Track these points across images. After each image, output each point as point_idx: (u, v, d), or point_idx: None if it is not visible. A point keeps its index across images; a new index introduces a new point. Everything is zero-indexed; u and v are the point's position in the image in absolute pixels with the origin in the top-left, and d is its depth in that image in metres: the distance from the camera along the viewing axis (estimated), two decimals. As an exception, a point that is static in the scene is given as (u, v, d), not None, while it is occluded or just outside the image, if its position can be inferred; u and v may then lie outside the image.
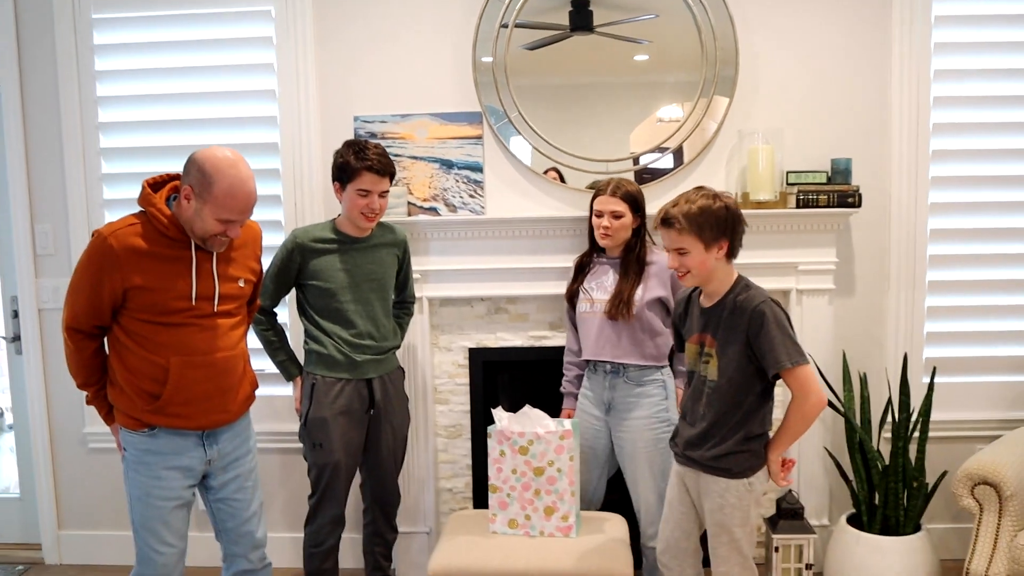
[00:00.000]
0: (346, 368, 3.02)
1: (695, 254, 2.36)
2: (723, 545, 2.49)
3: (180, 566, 2.53)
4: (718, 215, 2.34)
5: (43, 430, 3.84)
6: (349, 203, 2.95)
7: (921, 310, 3.55)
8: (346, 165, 2.91)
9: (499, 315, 3.60)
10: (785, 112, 3.49)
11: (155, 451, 2.43)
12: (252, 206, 2.39)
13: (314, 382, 3.03)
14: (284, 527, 3.81)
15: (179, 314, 2.38)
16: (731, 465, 2.43)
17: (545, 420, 2.92)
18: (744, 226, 2.41)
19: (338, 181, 2.96)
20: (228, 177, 2.30)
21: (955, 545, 3.64)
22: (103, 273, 2.33)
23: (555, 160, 3.51)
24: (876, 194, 3.50)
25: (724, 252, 2.38)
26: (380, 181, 2.94)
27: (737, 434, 2.42)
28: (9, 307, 3.88)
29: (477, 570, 2.77)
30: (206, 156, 2.32)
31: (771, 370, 2.34)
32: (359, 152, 2.91)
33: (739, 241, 2.41)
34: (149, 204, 2.37)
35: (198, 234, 2.38)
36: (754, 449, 2.44)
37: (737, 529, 2.46)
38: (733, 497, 2.44)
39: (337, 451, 3.02)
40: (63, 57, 3.62)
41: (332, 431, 3.00)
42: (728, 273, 2.43)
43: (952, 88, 3.48)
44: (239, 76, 3.62)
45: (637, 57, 3.46)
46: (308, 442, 3.05)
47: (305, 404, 3.04)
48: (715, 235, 2.34)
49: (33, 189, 3.74)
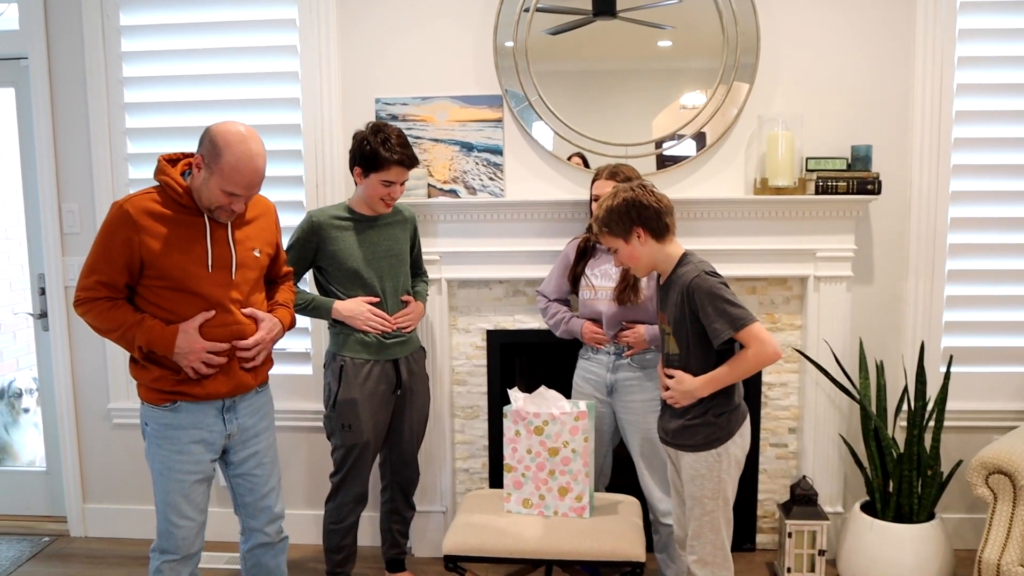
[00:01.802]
0: (376, 349, 3.06)
1: (622, 249, 2.49)
2: (696, 519, 2.52)
3: (200, 539, 2.58)
4: (618, 210, 2.44)
5: (69, 406, 3.92)
6: (370, 190, 2.98)
7: (940, 299, 3.54)
8: (375, 156, 2.92)
9: (517, 298, 3.62)
10: (805, 98, 3.48)
11: (176, 425, 2.48)
12: (258, 183, 2.42)
13: (343, 364, 3.05)
14: (305, 504, 3.87)
15: (197, 281, 2.43)
16: (694, 438, 2.48)
17: (561, 401, 2.94)
18: (653, 206, 2.43)
19: (361, 167, 2.98)
20: (236, 151, 2.34)
21: (969, 534, 3.64)
22: (119, 236, 2.38)
23: (576, 144, 3.51)
24: (896, 181, 3.49)
25: (647, 237, 2.44)
26: (405, 173, 3.00)
27: (706, 408, 2.46)
28: (36, 285, 3.95)
29: (491, 548, 2.80)
30: (219, 128, 2.37)
31: (715, 342, 2.38)
32: (386, 143, 2.92)
33: (656, 222, 2.44)
34: (163, 174, 2.44)
35: (204, 204, 2.42)
36: (719, 420, 2.46)
37: (708, 501, 2.49)
38: (703, 467, 2.48)
39: (366, 432, 3.06)
40: (90, 38, 3.67)
41: (362, 412, 3.04)
42: (668, 254, 2.48)
43: (977, 75, 3.44)
44: (262, 58, 3.66)
45: (661, 43, 3.46)
46: (337, 423, 3.07)
47: (334, 387, 3.07)
48: (625, 227, 2.44)
49: (60, 168, 3.80)
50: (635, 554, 2.75)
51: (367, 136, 2.96)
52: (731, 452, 2.48)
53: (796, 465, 3.63)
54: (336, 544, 3.19)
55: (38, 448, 4.38)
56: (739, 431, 2.50)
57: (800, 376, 3.58)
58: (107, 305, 2.42)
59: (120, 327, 2.41)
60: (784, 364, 3.58)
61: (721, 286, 2.39)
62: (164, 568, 2.53)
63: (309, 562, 3.69)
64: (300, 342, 3.78)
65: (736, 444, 2.49)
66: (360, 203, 3.06)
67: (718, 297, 2.36)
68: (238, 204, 2.42)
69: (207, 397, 2.49)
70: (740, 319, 2.35)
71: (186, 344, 2.40)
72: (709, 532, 2.51)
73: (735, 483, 2.53)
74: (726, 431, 2.47)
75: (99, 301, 2.42)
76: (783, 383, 3.59)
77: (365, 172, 2.97)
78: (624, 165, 3.11)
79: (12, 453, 4.59)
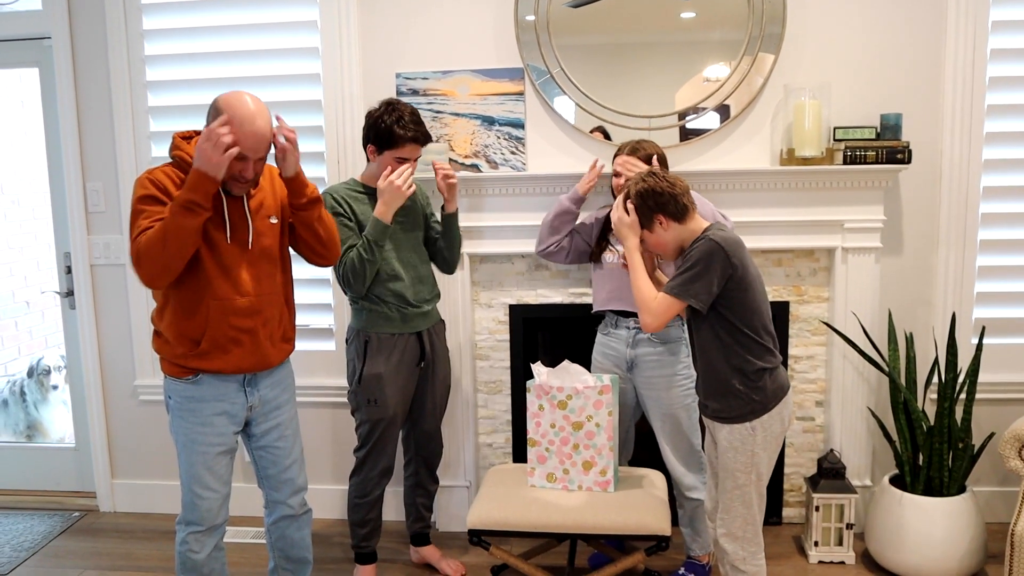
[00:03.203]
0: (400, 322, 3.05)
1: (649, 239, 2.54)
2: (727, 492, 2.50)
3: (224, 511, 2.59)
4: (639, 203, 2.50)
5: (96, 383, 3.96)
6: (383, 167, 2.96)
7: (972, 269, 3.47)
8: (390, 134, 2.91)
9: (539, 272, 3.60)
10: (833, 66, 3.40)
11: (198, 398, 2.50)
12: (263, 144, 2.40)
13: (367, 339, 3.05)
14: (330, 479, 3.89)
15: (217, 251, 2.43)
16: (729, 412, 2.46)
17: (584, 375, 2.92)
18: (668, 192, 2.46)
19: (375, 144, 2.97)
20: (236, 111, 2.34)
21: (1000, 508, 3.58)
22: (149, 193, 2.38)
23: (599, 117, 3.47)
24: (927, 150, 3.41)
25: (669, 222, 2.47)
26: (418, 150, 2.99)
27: (732, 378, 2.44)
28: (63, 263, 3.98)
29: (515, 522, 2.80)
30: (221, 96, 2.39)
31: (669, 284, 2.44)
32: (400, 120, 2.91)
33: (674, 206, 2.46)
34: (176, 149, 2.46)
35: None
36: (753, 393, 2.43)
37: (741, 474, 2.46)
38: (737, 440, 2.46)
39: (392, 406, 3.06)
40: (112, 16, 3.68)
41: (387, 386, 3.04)
42: (692, 230, 2.49)
43: (1012, 40, 3.36)
44: (283, 34, 3.64)
45: (684, 14, 3.40)
46: (362, 398, 3.07)
47: (358, 362, 3.06)
48: (648, 218, 2.49)
49: (84, 148, 3.82)
50: (660, 528, 2.74)
51: (381, 114, 2.95)
52: (767, 427, 2.45)
53: (823, 438, 3.59)
54: (361, 518, 3.20)
55: (67, 425, 4.44)
56: (778, 407, 2.46)
57: (827, 349, 3.53)
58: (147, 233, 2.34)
59: (163, 225, 2.30)
60: (811, 336, 3.53)
61: (702, 257, 2.37)
62: (190, 539, 2.55)
63: (334, 536, 3.71)
64: (323, 318, 3.79)
65: (774, 419, 2.46)
66: (372, 178, 3.04)
67: (688, 261, 2.39)
68: (247, 168, 2.42)
69: (230, 371, 2.50)
70: (678, 290, 2.40)
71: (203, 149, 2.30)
72: (740, 506, 2.49)
73: (772, 459, 2.50)
74: (762, 405, 2.44)
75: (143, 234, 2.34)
76: (810, 356, 3.55)
77: (379, 149, 2.97)
78: (645, 140, 3.06)
79: (43, 430, 4.66)
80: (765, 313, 2.44)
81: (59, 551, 3.66)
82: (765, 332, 2.44)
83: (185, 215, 2.29)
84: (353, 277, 2.92)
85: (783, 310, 3.51)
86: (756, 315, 2.42)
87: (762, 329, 2.43)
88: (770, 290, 3.48)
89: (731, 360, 2.43)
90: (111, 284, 3.87)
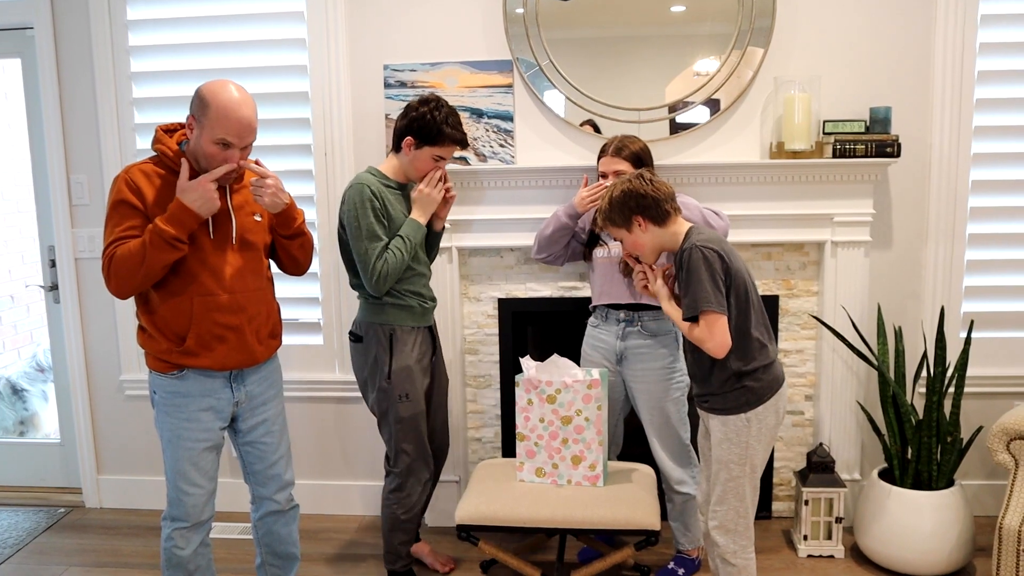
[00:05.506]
0: (420, 316, 3.01)
1: (627, 239, 2.55)
2: (721, 483, 2.50)
3: (210, 507, 2.57)
4: (618, 202, 2.50)
5: (81, 378, 3.92)
6: (419, 162, 2.91)
7: (960, 263, 3.47)
8: (438, 131, 2.85)
9: (529, 266, 3.58)
10: (823, 59, 3.40)
11: (184, 393, 2.47)
12: (248, 130, 2.39)
13: (392, 332, 2.95)
14: (314, 475, 3.87)
15: (200, 247, 2.41)
16: (724, 404, 2.46)
17: (573, 369, 2.91)
18: (651, 195, 2.46)
19: (416, 137, 2.88)
20: (221, 99, 2.34)
21: (989, 501, 3.60)
22: (125, 198, 2.37)
23: (588, 110, 3.45)
24: (916, 144, 3.41)
25: (648, 224, 2.48)
26: (455, 151, 2.98)
27: (724, 373, 2.43)
28: (47, 256, 3.94)
29: (504, 517, 2.79)
30: (205, 85, 2.39)
31: (686, 313, 2.41)
32: (448, 119, 2.87)
33: (655, 210, 2.47)
34: (158, 143, 2.44)
35: (203, 164, 2.40)
36: (748, 385, 2.43)
37: (735, 466, 2.46)
38: (732, 431, 2.46)
39: (422, 400, 3.01)
40: (96, 6, 3.63)
41: (416, 379, 2.98)
42: (674, 233, 2.50)
43: (1000, 34, 3.36)
44: (269, 24, 3.61)
45: (674, 8, 3.38)
46: (394, 394, 2.94)
47: (384, 356, 2.94)
48: (625, 218, 2.50)
49: (68, 140, 3.78)
50: (649, 522, 2.73)
51: (431, 109, 2.87)
52: (762, 418, 2.45)
53: (813, 432, 3.59)
54: (408, 538, 3.09)
55: (52, 420, 4.40)
56: (773, 399, 2.46)
57: (817, 343, 3.53)
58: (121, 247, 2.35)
59: (140, 248, 2.31)
60: (801, 331, 3.53)
61: (705, 263, 2.36)
62: (175, 535, 2.53)
63: (321, 532, 3.69)
64: (311, 312, 3.76)
65: (769, 411, 2.46)
66: (397, 171, 2.96)
67: (694, 272, 2.37)
68: (233, 155, 2.39)
69: (216, 368, 2.47)
70: (706, 303, 2.35)
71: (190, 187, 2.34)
72: (733, 498, 2.49)
73: (766, 452, 2.50)
74: (757, 396, 2.44)
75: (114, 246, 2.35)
76: (799, 350, 3.54)
77: (419, 143, 2.89)
78: (630, 137, 3.03)
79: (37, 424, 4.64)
80: (755, 311, 2.44)
81: (44, 547, 3.62)
82: (756, 328, 2.43)
83: (165, 249, 2.31)
84: (388, 279, 2.85)
85: (772, 304, 3.50)
86: (743, 315, 2.42)
87: (753, 328, 2.43)
88: (760, 284, 3.47)
89: (733, 355, 2.42)
90: (96, 277, 3.83)
